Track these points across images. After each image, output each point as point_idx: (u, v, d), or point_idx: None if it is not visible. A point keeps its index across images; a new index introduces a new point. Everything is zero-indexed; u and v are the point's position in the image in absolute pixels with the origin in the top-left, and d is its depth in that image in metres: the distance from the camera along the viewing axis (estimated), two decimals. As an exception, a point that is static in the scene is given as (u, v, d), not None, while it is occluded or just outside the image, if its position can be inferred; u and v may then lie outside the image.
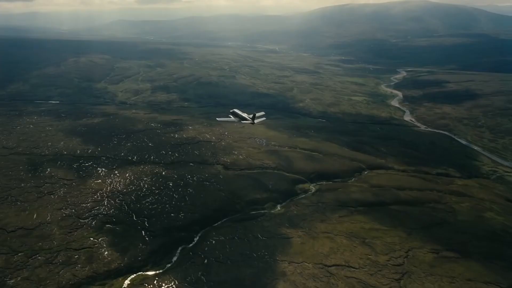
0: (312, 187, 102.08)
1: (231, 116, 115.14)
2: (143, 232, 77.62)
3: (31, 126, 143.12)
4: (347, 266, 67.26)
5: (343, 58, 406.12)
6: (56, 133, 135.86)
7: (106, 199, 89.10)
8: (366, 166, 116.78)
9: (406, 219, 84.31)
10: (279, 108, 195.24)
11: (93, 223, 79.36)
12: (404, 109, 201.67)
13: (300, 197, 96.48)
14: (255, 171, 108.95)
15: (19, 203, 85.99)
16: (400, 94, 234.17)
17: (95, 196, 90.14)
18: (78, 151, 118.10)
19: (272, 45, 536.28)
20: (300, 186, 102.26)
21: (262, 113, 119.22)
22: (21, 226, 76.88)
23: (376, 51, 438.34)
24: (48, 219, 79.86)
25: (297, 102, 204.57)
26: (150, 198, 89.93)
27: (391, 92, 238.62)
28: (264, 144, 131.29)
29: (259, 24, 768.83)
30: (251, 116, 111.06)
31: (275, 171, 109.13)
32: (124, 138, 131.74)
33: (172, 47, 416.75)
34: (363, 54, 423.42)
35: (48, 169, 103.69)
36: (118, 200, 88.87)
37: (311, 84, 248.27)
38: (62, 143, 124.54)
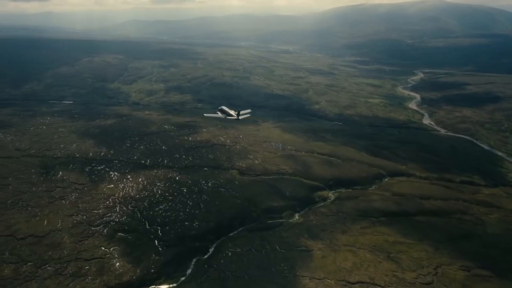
0: (331, 195, 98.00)
1: (218, 112, 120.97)
2: (156, 241, 74.47)
3: (44, 127, 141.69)
4: (372, 284, 63.07)
5: (358, 59, 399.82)
6: (69, 134, 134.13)
7: (118, 205, 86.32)
8: (386, 173, 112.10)
9: (432, 231, 79.70)
10: (294, 110, 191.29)
11: (105, 231, 76.53)
12: (422, 112, 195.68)
13: (318, 205, 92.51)
14: (271, 176, 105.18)
15: (30, 208, 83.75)
16: (418, 96, 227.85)
17: (107, 202, 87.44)
18: (91, 154, 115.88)
19: (285, 45, 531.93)
20: (319, 193, 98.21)
21: (248, 110, 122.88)
22: (31, 233, 74.44)
23: (392, 52, 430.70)
24: (59, 226, 77.34)
25: (313, 104, 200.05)
26: (164, 205, 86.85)
27: (409, 94, 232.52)
28: (280, 148, 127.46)
29: (272, 24, 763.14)
30: (236, 112, 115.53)
31: (292, 177, 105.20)
32: (137, 140, 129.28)
33: (185, 47, 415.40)
34: (378, 55, 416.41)
35: (60, 173, 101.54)
36: (130, 206, 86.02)
37: (327, 86, 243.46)
38: (74, 145, 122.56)
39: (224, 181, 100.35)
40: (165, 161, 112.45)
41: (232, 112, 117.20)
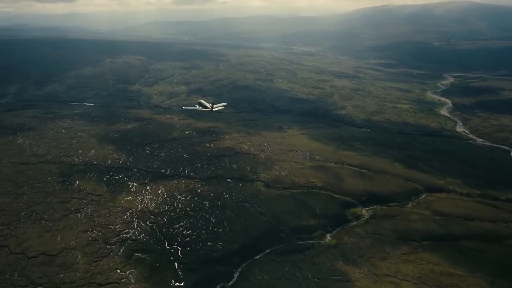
0: (365, 212, 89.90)
1: (196, 105, 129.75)
2: (176, 264, 67.95)
3: (63, 131, 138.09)
4: (422, 326, 55.15)
5: (383, 61, 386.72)
6: (87, 139, 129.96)
7: (136, 220, 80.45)
8: (423, 188, 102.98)
9: (484, 260, 70.62)
10: (320, 116, 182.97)
11: (121, 250, 70.60)
12: (455, 119, 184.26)
13: (352, 224, 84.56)
14: (299, 190, 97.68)
15: (43, 221, 78.74)
16: (449, 102, 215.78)
17: (125, 217, 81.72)
18: (109, 161, 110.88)
19: (307, 47, 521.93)
20: (351, 210, 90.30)
21: (224, 103, 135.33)
22: (43, 251, 69.15)
23: (418, 54, 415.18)
24: (73, 243, 71.89)
25: (339, 109, 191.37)
26: (185, 222, 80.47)
27: (439, 100, 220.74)
28: (308, 158, 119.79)
29: (293, 25, 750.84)
30: (210, 105, 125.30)
31: (322, 192, 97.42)
32: (158, 147, 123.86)
33: (207, 48, 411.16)
34: (404, 58, 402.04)
35: (77, 182, 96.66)
36: (149, 222, 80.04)
37: (352, 90, 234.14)
38: (93, 151, 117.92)
39: (249, 194, 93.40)
40: (186, 170, 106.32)
41: (208, 105, 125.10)
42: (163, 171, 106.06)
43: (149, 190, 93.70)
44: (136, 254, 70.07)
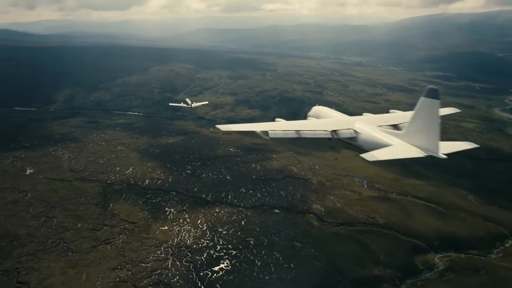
0: (439, 261, 74.55)
1: (182, 103, 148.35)
2: (213, 322, 57.17)
3: (103, 143, 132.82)
4: None
5: (440, 74, 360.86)
6: (127, 154, 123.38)
7: (171, 257, 70.47)
8: (509, 232, 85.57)
9: None
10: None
11: (151, 298, 60.74)
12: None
13: (423, 276, 69.83)
14: (357, 228, 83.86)
15: (70, 253, 70.69)
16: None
17: (159, 252, 72.08)
18: (147, 181, 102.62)
19: (357, 56, 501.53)
20: (421, 257, 75.32)
21: (205, 102, 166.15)
22: (65, 292, 60.67)
23: (480, 66, 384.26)
24: (98, 284, 62.93)
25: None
26: (225, 264, 69.35)
27: (509, 118, 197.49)
28: (365, 185, 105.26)
29: (342, 33, 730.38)
30: (191, 102, 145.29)
31: (385, 231, 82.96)
32: (199, 166, 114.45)
33: (254, 56, 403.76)
34: (463, 70, 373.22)
35: (111, 205, 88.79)
36: (185, 261, 69.74)
37: (409, 105, 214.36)
38: (131, 168, 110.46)
39: (299, 231, 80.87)
40: (229, 196, 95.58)
41: (189, 102, 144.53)
42: (204, 195, 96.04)
43: (188, 220, 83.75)
44: (168, 304, 59.85)
